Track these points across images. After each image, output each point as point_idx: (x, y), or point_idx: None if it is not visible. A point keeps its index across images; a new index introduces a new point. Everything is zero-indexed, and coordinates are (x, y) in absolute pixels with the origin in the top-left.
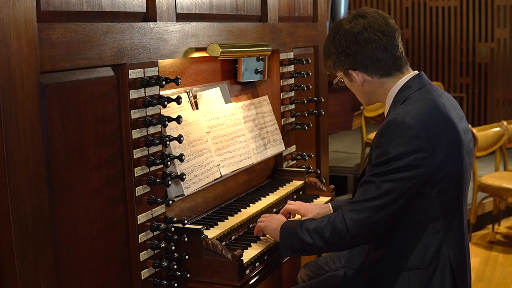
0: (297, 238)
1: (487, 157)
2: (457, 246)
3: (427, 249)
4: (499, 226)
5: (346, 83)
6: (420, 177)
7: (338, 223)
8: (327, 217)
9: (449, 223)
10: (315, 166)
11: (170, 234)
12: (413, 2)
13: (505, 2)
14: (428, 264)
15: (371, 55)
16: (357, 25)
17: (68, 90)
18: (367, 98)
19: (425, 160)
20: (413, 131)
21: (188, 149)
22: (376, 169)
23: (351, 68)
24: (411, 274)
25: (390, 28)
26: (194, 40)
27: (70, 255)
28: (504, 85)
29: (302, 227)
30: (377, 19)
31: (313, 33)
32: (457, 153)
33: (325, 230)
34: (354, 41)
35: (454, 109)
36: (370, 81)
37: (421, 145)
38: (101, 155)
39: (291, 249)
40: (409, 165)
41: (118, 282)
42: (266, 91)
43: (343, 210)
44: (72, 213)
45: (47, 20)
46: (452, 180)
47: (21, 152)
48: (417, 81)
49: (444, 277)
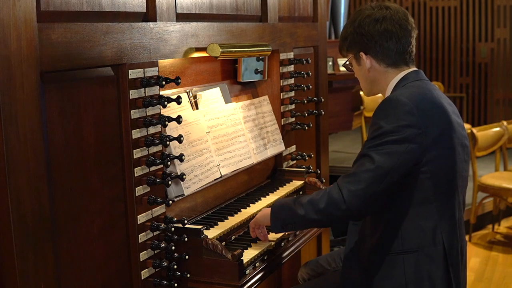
0: (289, 211)
1: (487, 157)
2: (451, 233)
3: (422, 232)
4: (499, 226)
5: (354, 67)
6: (413, 153)
7: (334, 193)
8: (323, 190)
9: (443, 210)
10: (315, 166)
11: (170, 234)
12: (413, 2)
13: (505, 2)
14: (423, 247)
15: (384, 44)
16: (379, 13)
17: (68, 90)
18: (370, 85)
19: (418, 136)
20: (406, 107)
21: (188, 149)
22: (371, 142)
23: (363, 51)
24: (405, 258)
25: (408, 25)
26: (194, 40)
27: (70, 255)
28: (504, 85)
29: (295, 201)
30: (399, 12)
31: (313, 33)
32: (448, 139)
33: (320, 201)
34: (373, 26)
35: (449, 104)
36: (377, 68)
37: (414, 121)
38: (101, 155)
39: (281, 223)
40: (402, 139)
41: (118, 282)
42: (266, 91)
43: (338, 182)
44: (72, 213)
45: (47, 20)
46: (443, 165)
47: (21, 152)
48: (415, 74)
49: (437, 262)
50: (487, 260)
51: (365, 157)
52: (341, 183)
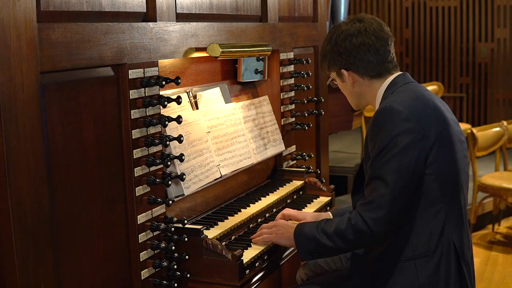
0: (316, 242)
1: (487, 157)
2: (459, 230)
3: (431, 236)
4: (499, 226)
5: (338, 84)
6: (419, 161)
7: (360, 225)
8: (346, 218)
9: (449, 208)
10: (315, 166)
11: (170, 234)
12: (413, 2)
13: (505, 2)
14: (434, 250)
15: (363, 57)
16: (353, 27)
17: (68, 90)
18: (357, 99)
19: (419, 142)
20: (401, 115)
21: (188, 149)
22: (376, 162)
23: (344, 68)
24: (418, 263)
25: (384, 34)
26: (194, 40)
27: (70, 255)
28: (504, 85)
29: (318, 230)
30: (373, 24)
31: (313, 33)
32: (447, 137)
33: (347, 232)
34: (349, 42)
35: (441, 102)
36: (361, 82)
37: (412, 128)
38: (101, 155)
39: (310, 253)
40: (404, 149)
41: (118, 282)
42: (266, 91)
43: (360, 211)
44: (72, 213)
45: (47, 20)
46: (446, 163)
47: (21, 152)
48: (402, 77)
49: (449, 262)
50: (487, 260)
51: (377, 180)
52: (362, 212)
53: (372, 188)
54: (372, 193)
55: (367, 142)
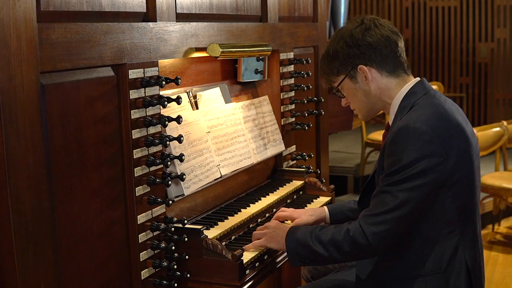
0: (309, 249)
1: (487, 157)
2: (473, 249)
3: (444, 253)
4: (499, 226)
5: (347, 90)
6: (435, 183)
7: (358, 238)
8: (344, 229)
9: (464, 227)
10: (315, 166)
11: (170, 234)
12: (413, 2)
13: (505, 2)
14: (445, 268)
15: (382, 50)
16: (367, 23)
17: (68, 90)
18: (370, 104)
19: (439, 165)
20: (425, 136)
21: (188, 149)
22: (391, 178)
23: (362, 63)
24: (428, 280)
25: (396, 30)
26: (194, 40)
27: (70, 255)
28: (504, 85)
29: (312, 237)
30: (385, 21)
31: (313, 33)
32: (468, 157)
33: (344, 244)
34: (369, 35)
35: (459, 113)
36: (378, 79)
37: (434, 150)
38: (101, 155)
39: (300, 259)
40: (423, 171)
41: (118, 282)
42: (266, 91)
43: (361, 223)
44: (72, 213)
45: (47, 20)
46: (465, 183)
47: (21, 152)
48: (421, 86)
49: (460, 280)
50: (487, 260)
51: (386, 194)
52: (364, 224)
53: (380, 201)
54: (379, 206)
55: (383, 156)
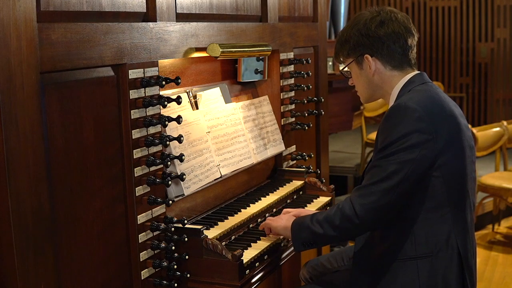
0: (308, 230)
1: (487, 157)
2: (464, 237)
3: (436, 237)
4: (499, 226)
5: (354, 73)
6: (424, 160)
7: (346, 209)
8: (336, 205)
9: (456, 214)
10: (315, 166)
11: (170, 234)
12: (413, 2)
13: (505, 2)
14: (437, 252)
15: (391, 45)
16: (384, 15)
17: (68, 90)
18: (371, 90)
19: (428, 142)
20: (416, 113)
21: (188, 149)
22: (381, 153)
23: (369, 53)
24: (419, 263)
25: (412, 28)
26: (194, 40)
27: (70, 255)
28: (504, 85)
29: (312, 219)
30: (402, 16)
31: (313, 33)
32: (459, 145)
33: (335, 217)
34: (380, 28)
35: (455, 106)
36: (381, 71)
37: (424, 127)
38: (101, 155)
39: (302, 243)
40: (413, 146)
41: (118, 282)
42: (266, 91)
43: (351, 196)
44: (72, 213)
45: (47, 20)
46: (455, 168)
47: (21, 152)
48: (420, 77)
49: (452, 266)
50: (487, 260)
51: (376, 168)
52: (353, 196)
53: (370, 175)
54: (368, 179)
55: (378, 136)
